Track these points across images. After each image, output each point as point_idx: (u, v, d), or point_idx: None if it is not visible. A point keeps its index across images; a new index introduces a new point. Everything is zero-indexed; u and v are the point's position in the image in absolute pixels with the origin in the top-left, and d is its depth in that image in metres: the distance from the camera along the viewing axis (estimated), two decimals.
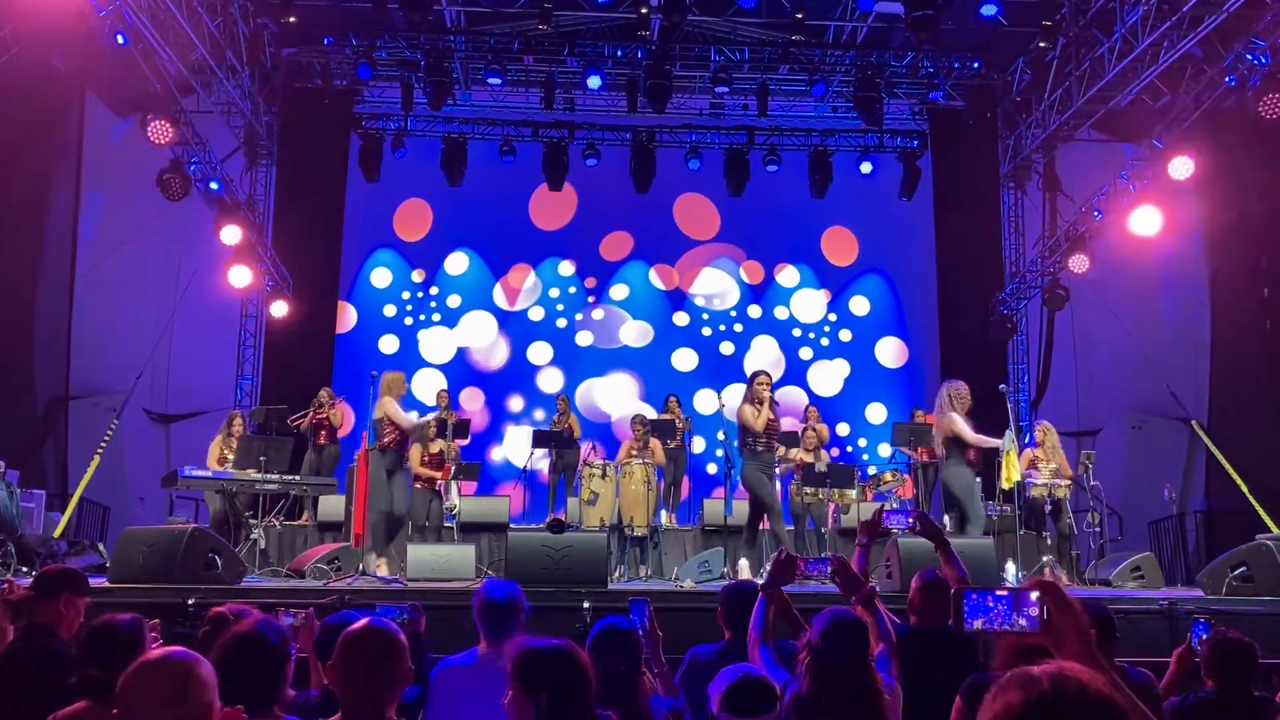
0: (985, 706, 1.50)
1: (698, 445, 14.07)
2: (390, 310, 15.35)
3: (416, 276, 15.46)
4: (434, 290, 15.45)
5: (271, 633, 2.96)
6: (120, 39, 10.18)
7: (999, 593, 1.84)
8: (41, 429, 12.50)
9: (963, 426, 8.85)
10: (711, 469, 14.45)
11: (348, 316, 15.20)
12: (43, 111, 12.43)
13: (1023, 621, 1.81)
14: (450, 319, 15.39)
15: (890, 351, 15.62)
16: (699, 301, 15.61)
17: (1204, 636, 4.09)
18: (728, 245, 15.76)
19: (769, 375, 9.04)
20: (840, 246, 15.77)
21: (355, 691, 2.66)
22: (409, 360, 14.64)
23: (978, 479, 9.18)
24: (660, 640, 3.75)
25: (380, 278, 15.41)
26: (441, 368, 14.99)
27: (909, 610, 4.28)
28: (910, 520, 4.34)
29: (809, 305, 15.71)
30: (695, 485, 12.38)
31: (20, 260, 12.40)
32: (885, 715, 3.12)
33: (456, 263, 15.53)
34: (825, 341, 15.59)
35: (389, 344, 15.18)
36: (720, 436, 10.19)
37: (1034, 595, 1.82)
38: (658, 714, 3.19)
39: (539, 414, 14.66)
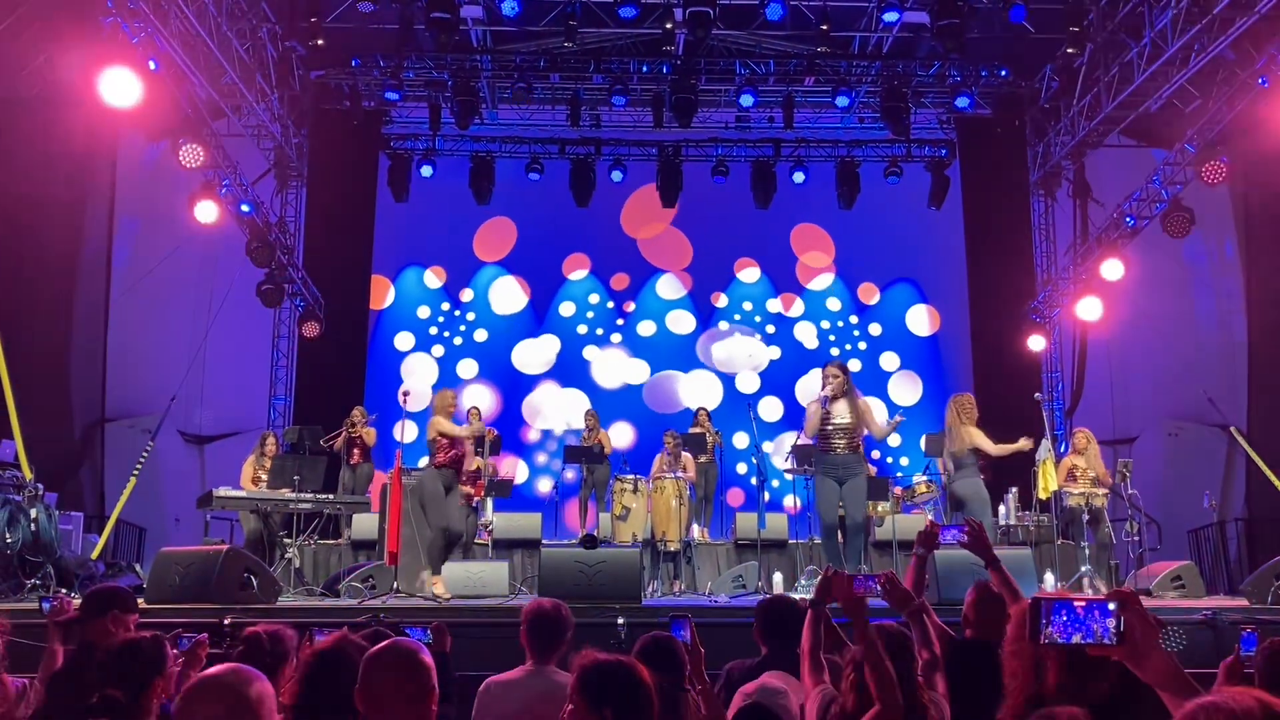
0: None
1: (735, 498, 14.10)
2: (423, 311, 15.51)
3: (442, 287, 15.58)
4: (470, 315, 15.56)
5: (352, 649, 2.94)
6: (152, 65, 10.30)
7: (1077, 604, 1.80)
8: (78, 452, 12.63)
9: (983, 439, 8.76)
10: (742, 468, 14.44)
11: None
12: (76, 138, 12.60)
13: (1101, 633, 1.77)
14: (472, 341, 15.47)
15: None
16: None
17: (1254, 647, 4.00)
18: (756, 259, 15.74)
19: (835, 366, 8.40)
20: (869, 258, 15.70)
21: (381, 711, 2.64)
22: (438, 377, 14.77)
23: (1011, 489, 9.07)
24: (702, 657, 3.71)
25: (411, 294, 15.54)
26: (463, 383, 15.05)
27: (963, 623, 4.22)
28: (965, 536, 4.31)
29: (841, 319, 15.67)
30: (728, 499, 12.33)
31: (56, 285, 12.57)
32: None
33: (482, 282, 15.61)
34: (862, 344, 15.57)
35: (417, 359, 15.28)
36: (755, 462, 10.06)
37: (1112, 606, 1.77)
38: None
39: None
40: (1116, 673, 1.86)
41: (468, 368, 15.34)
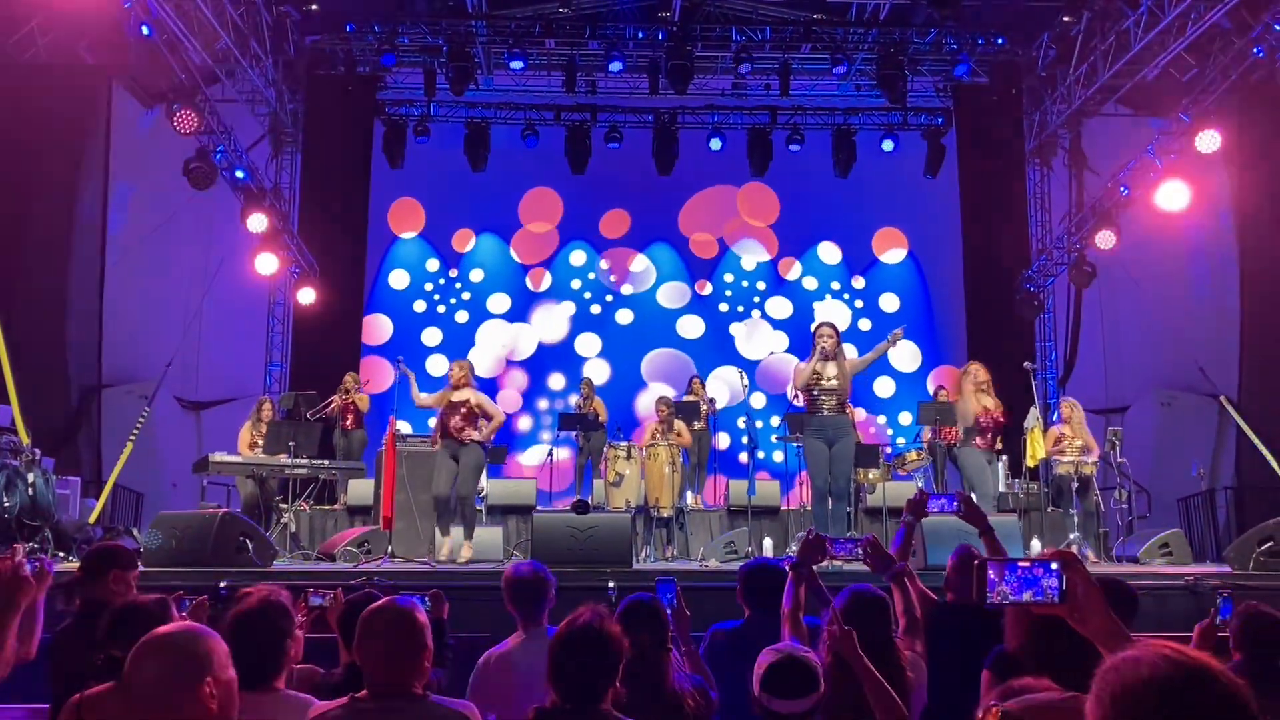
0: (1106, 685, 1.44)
1: (722, 441, 14.13)
2: (420, 306, 15.53)
3: (432, 266, 15.59)
4: (455, 275, 15.63)
5: (273, 610, 3.02)
6: (145, 30, 10.26)
7: (1021, 564, 1.86)
8: (75, 417, 12.66)
9: (969, 408, 8.90)
10: (743, 458, 14.50)
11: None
12: (70, 103, 12.56)
13: (1044, 593, 1.83)
14: (478, 302, 15.50)
15: (909, 353, 15.45)
16: (726, 279, 15.63)
17: (1229, 611, 4.08)
18: (752, 226, 15.75)
19: (830, 327, 8.38)
20: (865, 225, 15.72)
21: (378, 667, 2.75)
22: (443, 348, 14.85)
23: (1002, 457, 9.15)
24: (688, 619, 3.79)
25: (408, 262, 15.57)
26: (465, 350, 15.09)
27: (945, 587, 4.28)
28: (955, 505, 4.35)
29: (833, 283, 15.71)
30: (721, 467, 12.39)
31: (52, 251, 12.55)
32: (908, 690, 3.14)
33: (479, 248, 15.64)
34: (859, 302, 15.60)
35: (430, 337, 15.37)
36: (741, 424, 10.13)
37: (1054, 566, 1.84)
38: (682, 688, 3.24)
39: (573, 398, 14.80)
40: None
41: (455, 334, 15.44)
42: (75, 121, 12.70)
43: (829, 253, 15.78)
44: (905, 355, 15.39)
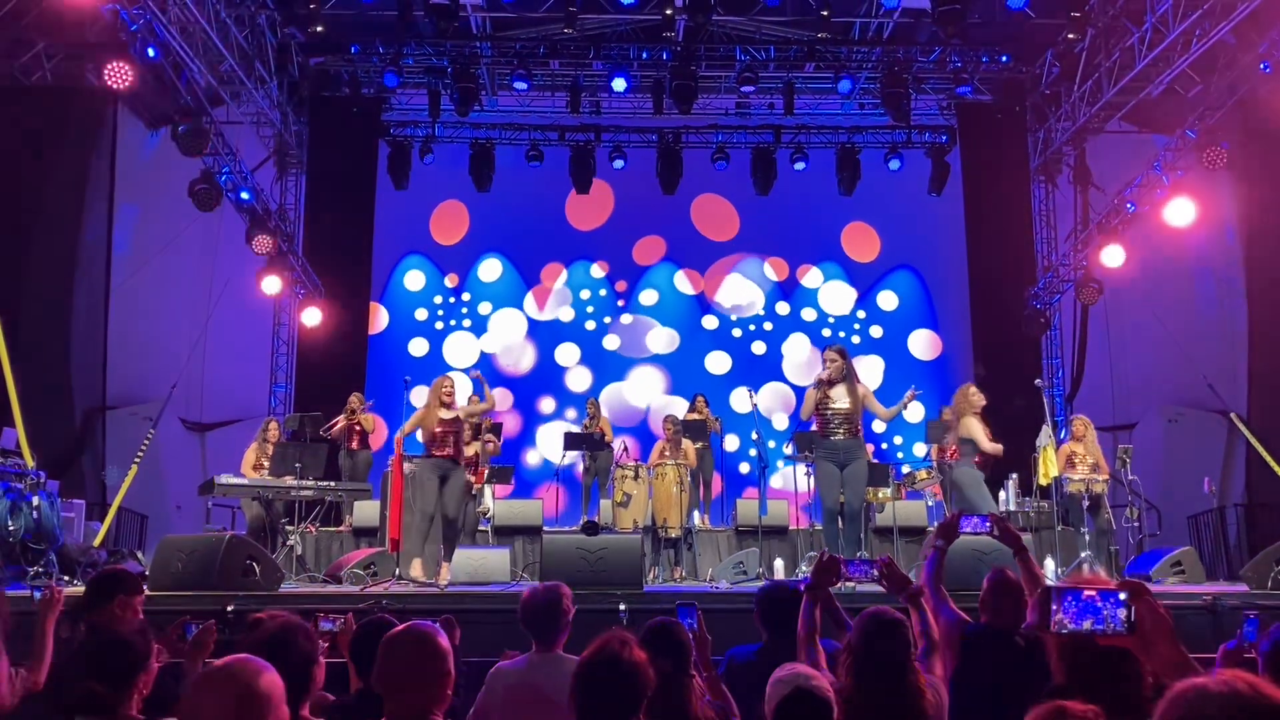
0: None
1: (730, 444, 14.06)
2: (421, 314, 15.48)
3: (449, 282, 15.58)
4: (466, 296, 15.57)
5: (300, 633, 2.96)
6: (151, 52, 10.29)
7: (1086, 593, 1.82)
8: (80, 439, 12.65)
9: (980, 433, 8.73)
10: (744, 468, 14.44)
11: (379, 317, 15.29)
12: (76, 125, 12.60)
13: (1106, 622, 1.79)
14: (480, 324, 15.49)
15: (923, 344, 15.46)
16: (726, 305, 15.59)
17: (1255, 633, 4.02)
18: (757, 244, 15.73)
19: (834, 350, 8.33)
20: (869, 244, 15.70)
21: (400, 693, 2.68)
22: (439, 364, 14.76)
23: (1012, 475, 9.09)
24: (709, 644, 3.74)
25: (413, 281, 15.54)
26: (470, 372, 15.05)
27: (980, 609, 4.20)
28: (988, 525, 4.25)
29: (839, 303, 15.66)
30: (729, 485, 12.33)
31: (57, 273, 12.57)
32: (928, 714, 3.09)
33: (486, 268, 15.63)
34: (857, 339, 15.45)
35: (419, 347, 15.31)
36: (754, 436, 10.09)
37: (1123, 596, 1.80)
38: (706, 715, 3.19)
39: (570, 412, 14.75)
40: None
41: (489, 342, 15.44)
42: (80, 144, 12.75)
43: (833, 271, 15.74)
44: (921, 345, 15.48)
